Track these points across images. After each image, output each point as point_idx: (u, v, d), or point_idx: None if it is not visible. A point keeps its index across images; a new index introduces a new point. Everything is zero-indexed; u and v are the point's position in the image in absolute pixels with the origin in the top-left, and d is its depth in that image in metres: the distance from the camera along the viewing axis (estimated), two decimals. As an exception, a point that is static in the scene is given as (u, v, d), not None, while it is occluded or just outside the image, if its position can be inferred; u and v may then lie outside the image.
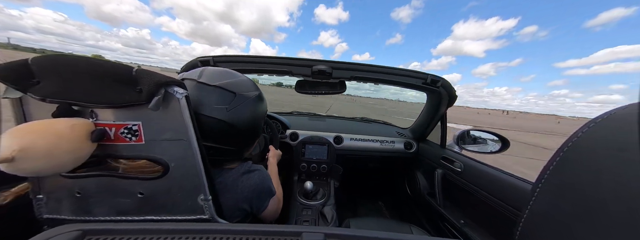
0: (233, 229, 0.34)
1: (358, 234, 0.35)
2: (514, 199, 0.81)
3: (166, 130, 0.47)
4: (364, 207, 1.96)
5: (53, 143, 0.38)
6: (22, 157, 0.35)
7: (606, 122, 0.31)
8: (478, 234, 0.96)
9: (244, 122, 0.61)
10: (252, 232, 0.34)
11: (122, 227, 0.31)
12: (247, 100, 0.62)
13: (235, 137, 0.62)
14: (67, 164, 0.42)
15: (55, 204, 0.51)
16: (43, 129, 0.39)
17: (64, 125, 0.41)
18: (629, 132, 0.27)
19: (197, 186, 0.49)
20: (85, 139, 0.43)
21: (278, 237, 0.33)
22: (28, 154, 0.35)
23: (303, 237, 0.33)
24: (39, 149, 0.37)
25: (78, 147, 0.42)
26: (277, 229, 0.35)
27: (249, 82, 0.67)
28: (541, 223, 0.36)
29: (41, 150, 0.37)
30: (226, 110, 0.57)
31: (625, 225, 0.26)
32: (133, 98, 0.43)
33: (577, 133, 0.34)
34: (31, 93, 0.43)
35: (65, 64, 0.42)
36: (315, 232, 0.34)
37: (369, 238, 0.34)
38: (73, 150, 0.41)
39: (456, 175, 1.14)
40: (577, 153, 0.33)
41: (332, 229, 0.35)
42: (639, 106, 0.28)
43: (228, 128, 0.58)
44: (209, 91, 0.58)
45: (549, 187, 0.36)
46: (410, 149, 1.58)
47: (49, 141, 0.38)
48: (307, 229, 0.34)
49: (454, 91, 1.15)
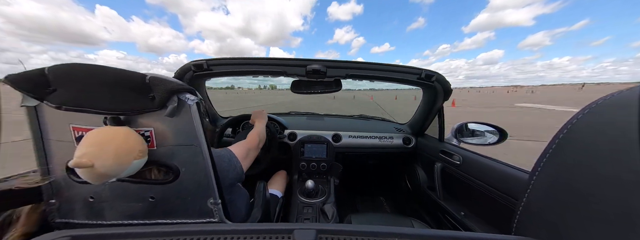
0: (230, 228, 0.35)
1: (350, 229, 0.35)
2: (513, 189, 0.81)
3: (177, 136, 0.48)
4: (365, 203, 1.96)
5: (120, 147, 0.42)
6: (97, 164, 0.39)
7: (602, 107, 0.31)
8: (478, 224, 0.97)
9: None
10: (245, 231, 0.34)
11: (111, 232, 0.31)
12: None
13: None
14: (129, 169, 0.45)
15: (68, 208, 0.52)
16: (107, 136, 0.42)
17: (123, 131, 0.44)
18: (622, 119, 0.27)
19: (206, 190, 0.50)
20: (142, 143, 0.46)
21: (270, 235, 0.34)
22: (101, 160, 0.39)
23: (295, 235, 0.33)
24: (109, 155, 0.40)
25: (139, 149, 0.45)
26: (269, 227, 0.35)
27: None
28: (537, 211, 0.36)
29: (111, 155, 0.41)
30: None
31: (617, 214, 0.26)
32: (146, 105, 0.44)
33: (572, 120, 0.34)
34: (47, 101, 0.44)
35: (80, 72, 0.43)
36: (307, 228, 0.34)
37: (360, 232, 0.34)
38: (132, 154, 0.44)
39: (455, 168, 1.14)
40: (572, 141, 0.33)
41: (324, 225, 0.36)
42: (639, 91, 0.27)
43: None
44: None
45: (545, 176, 0.36)
46: (409, 144, 1.58)
47: (119, 146, 0.42)
48: (299, 226, 0.35)
49: (448, 85, 1.16)
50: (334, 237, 0.33)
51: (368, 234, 0.34)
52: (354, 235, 0.34)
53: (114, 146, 0.41)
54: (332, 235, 0.33)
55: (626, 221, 0.25)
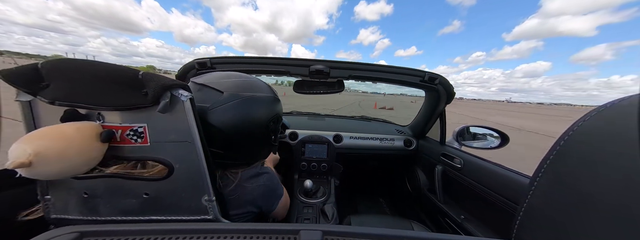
0: (231, 228, 0.35)
1: (356, 231, 0.35)
2: (514, 193, 0.81)
3: (171, 132, 0.48)
4: (365, 204, 1.96)
5: (63, 146, 0.40)
6: (37, 160, 0.36)
7: (605, 114, 0.31)
8: (478, 228, 0.97)
9: (230, 124, 0.55)
10: (251, 230, 0.34)
11: (120, 228, 0.31)
12: (237, 100, 0.55)
13: (222, 141, 0.56)
14: (80, 166, 0.44)
15: (62, 204, 0.52)
16: (52, 134, 0.40)
17: (71, 128, 0.42)
18: (627, 125, 0.27)
19: (201, 187, 0.50)
20: (94, 141, 0.44)
21: (276, 235, 0.34)
22: (42, 158, 0.37)
23: (301, 235, 0.33)
24: (51, 153, 0.38)
25: (87, 148, 0.43)
26: (275, 228, 0.35)
27: (253, 83, 0.62)
28: (538, 216, 0.36)
29: (54, 153, 0.39)
30: (207, 108, 0.54)
31: (619, 219, 0.26)
32: (139, 101, 0.44)
33: (574, 126, 0.34)
34: (41, 96, 0.44)
35: (73, 68, 0.43)
36: (313, 229, 0.34)
37: (366, 235, 0.34)
38: (83, 152, 0.43)
39: (456, 172, 1.14)
40: (574, 146, 0.33)
41: (330, 226, 0.36)
42: (639, 98, 0.27)
43: (213, 130, 0.54)
44: (197, 90, 0.57)
45: (546, 180, 0.36)
46: (410, 146, 1.59)
47: (59, 144, 0.40)
48: (305, 227, 0.35)
49: (451, 88, 1.16)
50: (339, 238, 0.33)
51: (374, 236, 0.34)
52: (360, 237, 0.34)
53: (59, 143, 0.40)
54: (338, 237, 0.34)
55: (632, 227, 0.25)
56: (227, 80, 0.60)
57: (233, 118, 0.55)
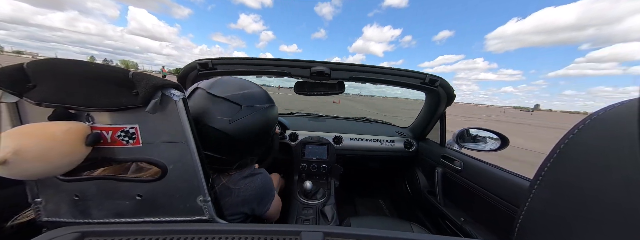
0: (233, 229, 0.35)
1: (356, 232, 0.35)
2: (514, 196, 0.81)
3: (164, 133, 0.47)
4: (365, 206, 1.96)
5: (47, 146, 0.38)
6: (15, 159, 0.35)
7: (604, 117, 0.31)
8: (478, 231, 0.96)
9: (247, 134, 0.60)
10: (252, 231, 0.34)
11: (121, 228, 0.31)
12: (253, 113, 0.61)
13: (236, 149, 0.61)
14: (61, 167, 0.42)
15: (53, 207, 0.51)
16: (37, 132, 0.39)
17: (59, 128, 0.41)
18: (627, 129, 0.27)
19: (195, 187, 0.50)
20: (80, 143, 0.43)
21: (277, 236, 0.34)
22: (21, 156, 0.35)
23: (302, 236, 0.33)
24: (32, 152, 0.37)
25: (72, 150, 0.42)
26: (276, 228, 0.35)
27: (261, 94, 0.66)
28: (539, 219, 0.36)
29: (34, 152, 0.37)
30: (229, 122, 0.57)
31: (621, 223, 0.26)
32: (129, 101, 0.43)
33: (573, 129, 0.34)
34: (27, 97, 0.43)
35: (61, 68, 0.42)
36: (314, 231, 0.34)
37: (367, 236, 0.35)
38: (67, 154, 0.41)
39: (456, 174, 1.14)
40: (574, 149, 0.33)
41: (331, 228, 0.36)
42: (639, 102, 0.27)
43: (230, 140, 0.58)
44: (216, 102, 0.58)
45: (546, 183, 0.36)
46: (410, 148, 1.59)
47: (42, 144, 0.38)
48: (306, 228, 0.35)
49: (452, 90, 1.16)
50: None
51: (374, 238, 0.35)
52: (360, 239, 0.34)
53: (44, 143, 0.38)
54: (338, 239, 0.34)
55: (633, 231, 0.25)
56: (241, 92, 0.62)
57: (252, 129, 0.61)
